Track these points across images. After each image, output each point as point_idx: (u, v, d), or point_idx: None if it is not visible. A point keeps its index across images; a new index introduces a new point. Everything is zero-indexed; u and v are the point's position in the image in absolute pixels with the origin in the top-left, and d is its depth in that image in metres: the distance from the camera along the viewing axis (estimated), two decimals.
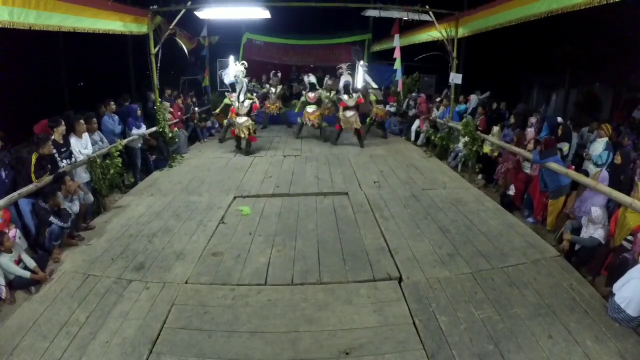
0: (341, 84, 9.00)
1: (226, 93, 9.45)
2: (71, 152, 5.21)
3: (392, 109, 11.31)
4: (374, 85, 9.65)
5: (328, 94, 9.68)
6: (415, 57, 9.53)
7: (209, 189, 6.37)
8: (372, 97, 9.74)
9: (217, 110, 10.21)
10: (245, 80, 8.49)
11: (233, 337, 3.08)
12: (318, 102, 9.39)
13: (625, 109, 10.55)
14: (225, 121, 9.51)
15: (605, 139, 5.46)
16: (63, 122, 5.11)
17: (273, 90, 10.85)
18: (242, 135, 8.34)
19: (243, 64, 8.44)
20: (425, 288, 3.67)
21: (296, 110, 10.29)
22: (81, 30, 5.46)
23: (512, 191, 5.77)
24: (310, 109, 9.33)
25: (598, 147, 5.48)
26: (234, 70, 8.41)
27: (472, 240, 4.59)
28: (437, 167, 7.68)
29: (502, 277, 3.84)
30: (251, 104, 8.39)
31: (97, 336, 3.06)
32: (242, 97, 8.31)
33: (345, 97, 8.86)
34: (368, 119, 9.98)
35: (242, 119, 8.27)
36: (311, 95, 9.32)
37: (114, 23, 6.27)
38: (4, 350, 2.91)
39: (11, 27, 4.19)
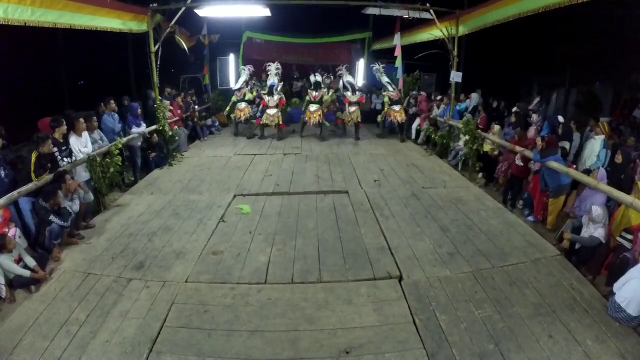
0: (344, 83, 9.77)
1: (236, 92, 10.10)
2: (71, 151, 5.20)
3: None
4: (391, 89, 9.65)
5: (327, 92, 9.96)
6: (415, 56, 9.53)
7: (209, 187, 6.36)
8: (386, 99, 9.80)
9: (227, 109, 10.44)
10: (277, 78, 9.76)
11: (233, 336, 3.08)
12: (319, 100, 9.59)
13: (625, 108, 10.54)
14: (232, 116, 10.03)
15: (602, 137, 5.45)
16: (64, 122, 5.09)
17: (278, 88, 10.80)
18: (272, 124, 9.47)
19: (278, 66, 9.88)
20: (425, 287, 3.67)
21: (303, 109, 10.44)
22: (78, 28, 5.43)
23: (519, 161, 5.71)
24: (312, 107, 9.48)
25: (595, 145, 5.47)
26: (274, 70, 9.79)
27: (473, 239, 4.58)
28: (437, 165, 7.68)
29: (503, 276, 3.84)
30: (279, 99, 9.55)
31: (97, 335, 3.06)
32: (273, 92, 9.47)
33: (349, 94, 9.57)
34: (380, 119, 10.09)
35: (273, 111, 9.38)
36: (314, 93, 9.52)
37: (112, 21, 6.24)
38: (4, 349, 2.90)
39: (6, 23, 4.18)
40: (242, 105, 9.82)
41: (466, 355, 2.86)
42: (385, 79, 9.80)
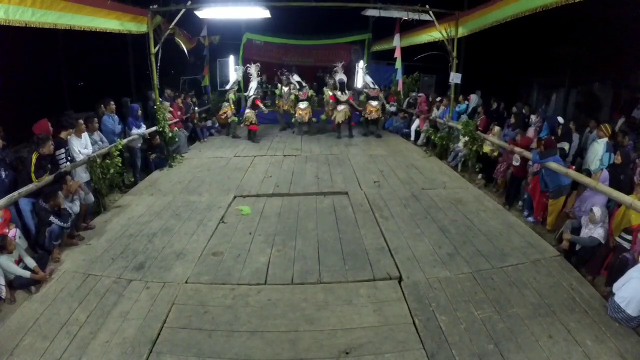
0: (336, 80, 9.93)
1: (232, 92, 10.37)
2: (69, 152, 5.21)
3: (393, 109, 11.36)
4: (372, 86, 10.04)
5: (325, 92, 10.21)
6: (415, 57, 9.57)
7: (209, 188, 6.37)
8: (362, 97, 10.34)
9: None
10: (259, 79, 9.92)
11: (233, 336, 3.08)
12: (307, 98, 10.04)
13: (625, 108, 10.55)
14: (233, 119, 10.11)
15: (605, 139, 5.44)
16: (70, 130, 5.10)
17: (285, 89, 10.85)
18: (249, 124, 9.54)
19: (257, 65, 9.99)
20: (425, 288, 3.67)
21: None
22: (78, 29, 5.45)
23: (516, 161, 5.77)
24: (302, 105, 9.90)
25: (598, 148, 5.46)
26: (254, 71, 9.87)
27: (472, 240, 4.59)
28: (437, 166, 7.69)
29: (502, 276, 3.85)
30: (253, 99, 9.58)
31: (97, 336, 3.06)
32: (251, 93, 9.61)
33: (338, 93, 9.75)
34: (362, 117, 10.37)
35: (249, 111, 9.46)
36: (302, 92, 9.99)
37: (112, 22, 6.25)
38: (4, 349, 2.91)
39: (7, 24, 4.20)
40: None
41: (466, 355, 2.86)
42: (368, 79, 10.15)
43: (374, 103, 9.73)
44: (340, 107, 9.70)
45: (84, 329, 3.14)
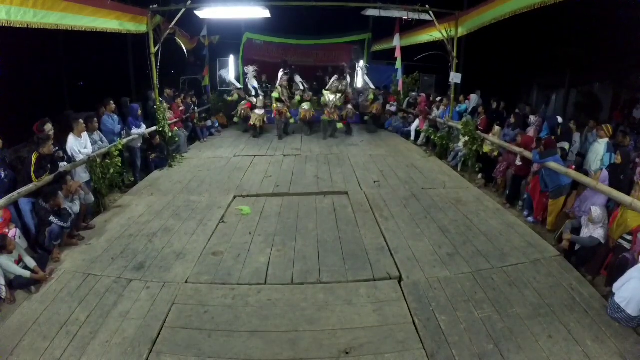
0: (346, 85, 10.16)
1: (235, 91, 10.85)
2: (65, 150, 5.19)
3: (393, 109, 11.36)
4: (372, 86, 10.53)
5: (333, 95, 10.11)
6: (415, 57, 9.58)
7: (209, 188, 6.37)
8: (370, 96, 10.54)
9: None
10: (256, 80, 10.34)
11: (233, 336, 3.08)
12: (310, 100, 10.32)
13: (625, 108, 10.56)
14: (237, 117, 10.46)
15: (606, 139, 5.44)
16: (50, 125, 5.04)
17: (285, 92, 10.68)
18: (258, 124, 10.01)
19: (255, 68, 10.45)
20: (425, 288, 3.67)
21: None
22: (79, 29, 5.46)
23: (519, 161, 5.77)
24: (305, 106, 10.13)
25: (599, 148, 5.46)
26: (252, 73, 10.36)
27: (472, 240, 4.59)
28: (437, 166, 7.69)
29: (502, 276, 3.85)
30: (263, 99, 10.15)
31: (97, 336, 3.06)
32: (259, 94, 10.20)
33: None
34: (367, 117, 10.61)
35: (260, 111, 10.03)
36: (305, 94, 10.32)
37: (112, 22, 6.26)
38: (4, 349, 2.91)
39: (9, 25, 4.21)
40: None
41: (466, 355, 2.87)
42: (366, 78, 10.58)
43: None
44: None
45: (84, 329, 3.14)
